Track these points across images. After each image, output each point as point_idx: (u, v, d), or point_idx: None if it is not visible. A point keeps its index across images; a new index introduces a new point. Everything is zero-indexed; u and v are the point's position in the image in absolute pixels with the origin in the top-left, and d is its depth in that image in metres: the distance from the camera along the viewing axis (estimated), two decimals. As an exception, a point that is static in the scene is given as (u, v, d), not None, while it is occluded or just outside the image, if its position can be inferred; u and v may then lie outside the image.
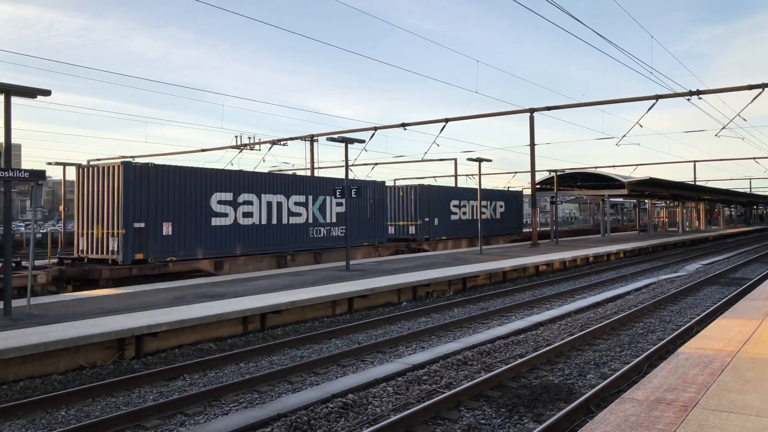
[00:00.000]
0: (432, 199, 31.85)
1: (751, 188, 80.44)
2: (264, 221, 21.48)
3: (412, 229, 31.22)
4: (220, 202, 19.87)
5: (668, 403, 5.48)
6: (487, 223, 36.29)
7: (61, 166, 28.20)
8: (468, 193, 35.95)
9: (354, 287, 14.82)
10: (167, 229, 18.09)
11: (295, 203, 22.97)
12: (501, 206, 38.93)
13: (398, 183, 34.90)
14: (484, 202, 36.45)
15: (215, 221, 19.70)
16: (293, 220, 22.79)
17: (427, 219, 31.38)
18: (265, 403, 7.58)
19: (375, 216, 26.79)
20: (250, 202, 20.96)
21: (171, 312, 11.37)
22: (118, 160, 17.91)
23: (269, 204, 21.76)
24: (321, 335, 11.66)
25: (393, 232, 31.09)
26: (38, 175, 11.41)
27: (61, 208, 26.41)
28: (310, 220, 23.63)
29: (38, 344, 8.70)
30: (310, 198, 23.72)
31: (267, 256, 21.69)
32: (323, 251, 24.01)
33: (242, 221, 20.62)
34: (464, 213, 35.02)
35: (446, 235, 32.89)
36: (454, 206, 33.94)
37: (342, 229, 24.80)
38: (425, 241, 31.24)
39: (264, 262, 21.54)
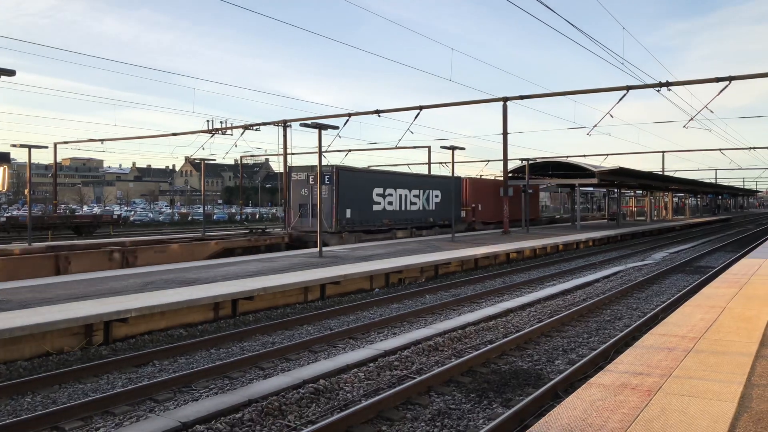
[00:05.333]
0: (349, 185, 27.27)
1: (716, 179, 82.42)
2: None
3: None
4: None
5: (633, 387, 5.61)
6: (418, 214, 32.59)
7: (27, 149, 27.48)
8: (398, 179, 31.11)
9: (326, 274, 14.81)
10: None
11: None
12: (437, 196, 34.17)
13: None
14: (415, 191, 32.32)
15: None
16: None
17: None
18: (235, 389, 7.56)
19: None
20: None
21: (140, 297, 11.23)
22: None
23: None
24: (293, 321, 11.64)
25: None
26: (2, 158, 11.13)
27: (27, 191, 25.75)
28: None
29: (2, 330, 8.52)
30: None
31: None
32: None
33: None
34: (390, 203, 30.13)
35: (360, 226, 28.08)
36: (378, 195, 29.42)
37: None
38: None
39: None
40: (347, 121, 34.37)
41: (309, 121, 19.42)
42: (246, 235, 26.74)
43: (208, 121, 39.20)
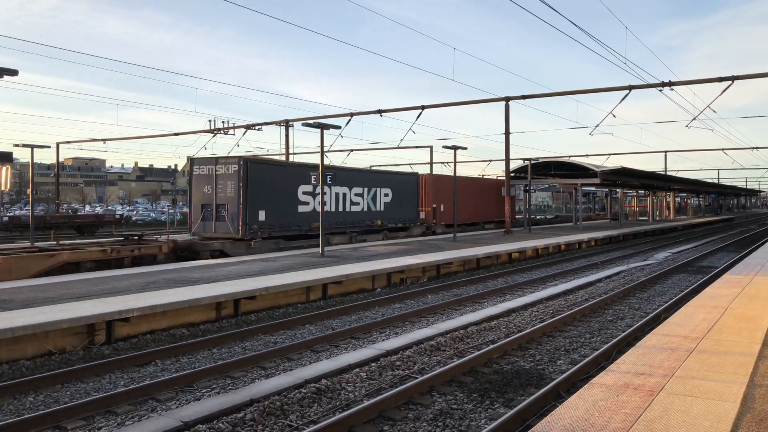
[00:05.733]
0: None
1: (719, 179, 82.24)
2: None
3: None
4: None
5: (635, 388, 5.60)
6: (361, 216, 28.11)
7: (29, 149, 27.55)
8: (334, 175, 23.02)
9: (328, 273, 14.81)
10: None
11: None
12: (387, 195, 29.67)
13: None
14: (357, 189, 27.57)
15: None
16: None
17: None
18: (237, 389, 7.57)
19: None
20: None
21: (142, 297, 11.24)
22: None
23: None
24: (295, 321, 11.64)
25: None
26: (5, 157, 11.15)
27: (29, 190, 25.80)
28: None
29: (5, 330, 8.53)
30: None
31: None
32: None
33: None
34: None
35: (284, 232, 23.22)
36: (305, 193, 24.33)
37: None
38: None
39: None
40: (349, 120, 34.37)
41: (311, 121, 19.46)
42: (104, 245, 18.68)
43: (210, 120, 39.11)
